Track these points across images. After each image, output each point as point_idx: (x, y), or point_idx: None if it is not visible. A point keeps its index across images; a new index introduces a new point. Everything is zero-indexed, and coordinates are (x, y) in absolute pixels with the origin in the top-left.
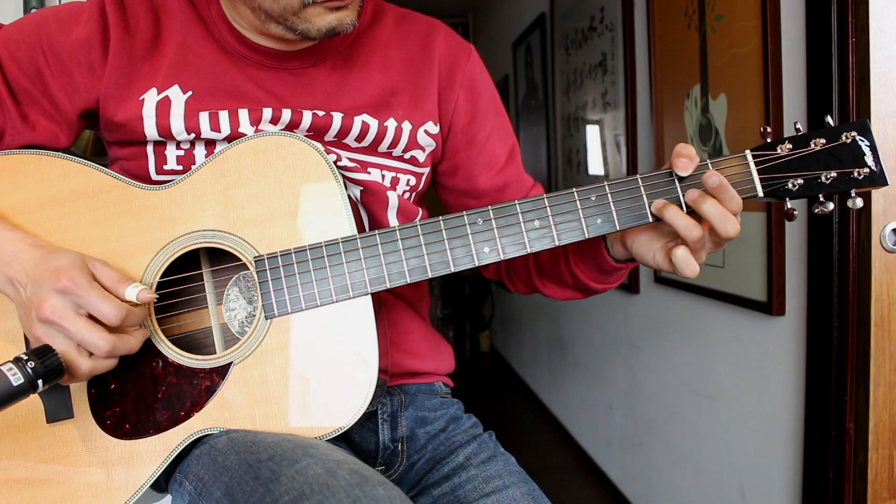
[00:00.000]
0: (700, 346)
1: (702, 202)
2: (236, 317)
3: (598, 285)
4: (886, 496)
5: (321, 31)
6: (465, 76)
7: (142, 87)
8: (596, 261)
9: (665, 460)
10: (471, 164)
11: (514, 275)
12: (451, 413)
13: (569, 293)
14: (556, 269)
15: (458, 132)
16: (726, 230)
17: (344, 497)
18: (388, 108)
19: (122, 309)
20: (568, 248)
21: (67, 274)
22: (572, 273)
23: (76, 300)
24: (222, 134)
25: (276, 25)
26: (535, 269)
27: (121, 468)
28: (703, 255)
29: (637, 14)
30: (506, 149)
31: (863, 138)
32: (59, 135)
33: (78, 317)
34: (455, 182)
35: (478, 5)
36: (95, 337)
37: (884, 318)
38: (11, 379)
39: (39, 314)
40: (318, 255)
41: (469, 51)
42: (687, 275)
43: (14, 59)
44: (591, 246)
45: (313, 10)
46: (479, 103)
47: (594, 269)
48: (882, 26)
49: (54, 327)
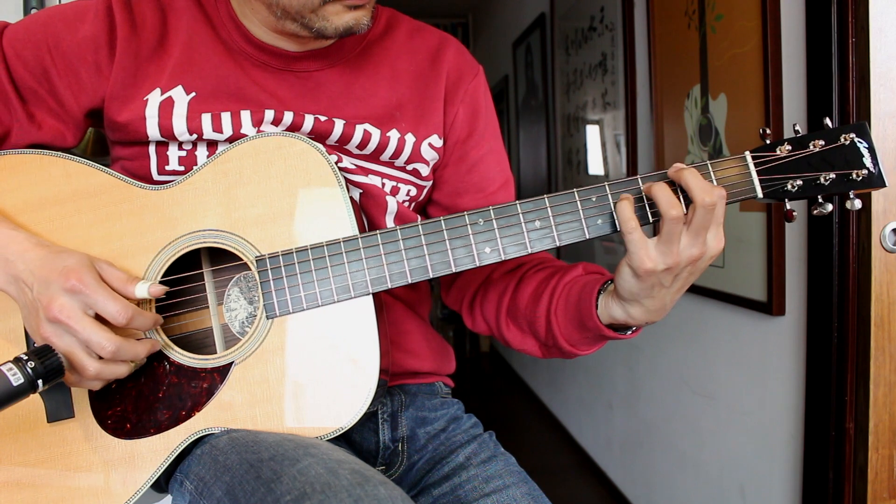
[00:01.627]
0: (700, 346)
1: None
2: (237, 317)
3: (566, 345)
4: (886, 496)
5: (338, 29)
6: (467, 92)
7: (146, 87)
8: (581, 313)
9: (665, 460)
10: (456, 181)
11: (482, 308)
12: (452, 413)
13: (529, 343)
14: (534, 311)
15: (451, 146)
16: (703, 200)
17: (346, 497)
18: (391, 120)
19: (128, 308)
20: (558, 292)
21: (76, 274)
22: (548, 321)
23: (84, 299)
24: (224, 135)
25: (293, 23)
26: (508, 307)
27: (121, 468)
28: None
29: (637, 14)
30: (501, 176)
31: (861, 140)
32: (66, 134)
33: (85, 316)
34: (439, 196)
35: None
36: (101, 336)
37: (884, 318)
38: (11, 379)
39: (48, 314)
40: (320, 255)
41: (477, 70)
42: (638, 258)
43: (20, 59)
44: (581, 296)
45: (332, 8)
46: (477, 122)
47: (575, 322)
48: (882, 26)
49: (62, 327)
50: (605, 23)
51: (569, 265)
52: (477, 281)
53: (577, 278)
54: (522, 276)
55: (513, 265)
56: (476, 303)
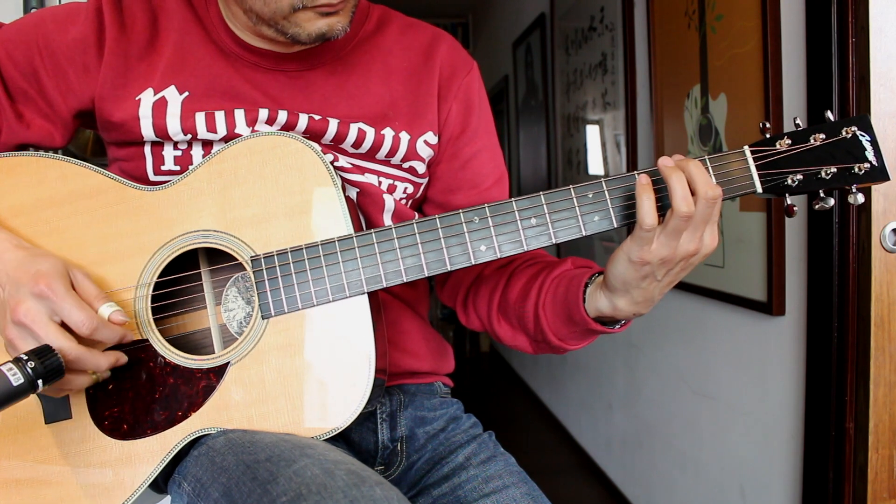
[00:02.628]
0: (700, 346)
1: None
2: (235, 317)
3: (555, 339)
4: (886, 496)
5: (311, 35)
6: (461, 88)
7: (138, 87)
8: (568, 307)
9: (665, 460)
10: (448, 177)
11: (474, 303)
12: (451, 413)
13: (520, 339)
14: (523, 305)
15: (444, 143)
16: (707, 193)
17: (341, 497)
18: (385, 118)
19: (93, 319)
20: (546, 286)
21: (46, 279)
22: (537, 315)
23: (51, 305)
24: (219, 134)
25: (268, 28)
26: (499, 302)
27: (119, 468)
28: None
29: (637, 14)
30: (495, 172)
31: (863, 133)
32: (55, 134)
33: (50, 322)
34: (433, 193)
35: (478, 5)
36: (62, 343)
37: (884, 318)
38: (11, 379)
39: (14, 316)
40: (315, 255)
41: (471, 66)
42: (646, 222)
43: (11, 59)
44: (568, 290)
45: (303, 15)
46: (470, 119)
47: (562, 316)
48: (882, 26)
49: (26, 330)
50: (605, 23)
51: (559, 260)
52: (469, 278)
53: (566, 272)
54: (513, 272)
55: (505, 261)
56: (469, 299)
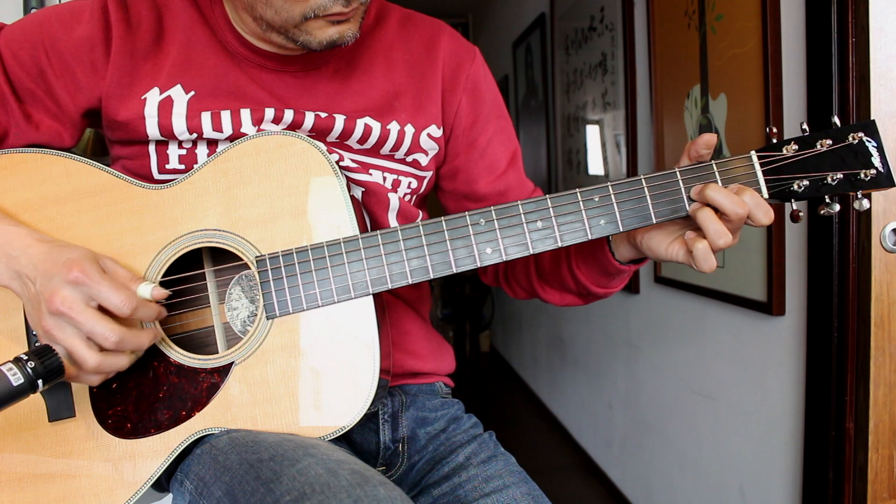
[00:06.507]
0: (700, 346)
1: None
2: (238, 316)
3: (600, 289)
4: (886, 496)
5: (322, 43)
6: (468, 79)
7: (144, 86)
8: (599, 262)
9: (665, 460)
10: (471, 167)
11: (514, 279)
12: (452, 413)
13: (569, 298)
14: (558, 272)
15: (459, 135)
16: (737, 213)
17: (345, 497)
18: (390, 111)
19: (132, 299)
20: (570, 251)
21: (79, 265)
22: (574, 276)
23: (87, 290)
24: (224, 134)
25: (278, 35)
26: (536, 273)
27: (122, 467)
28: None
29: (637, 14)
30: (507, 153)
31: (870, 139)
32: (63, 134)
33: (88, 307)
34: (455, 185)
35: (478, 5)
36: (104, 327)
37: (884, 318)
38: (11, 379)
39: (50, 306)
40: (320, 255)
41: (473, 53)
42: (704, 269)
43: (17, 59)
44: (594, 248)
45: (315, 24)
46: (481, 107)
47: (597, 271)
48: (882, 26)
49: (64, 319)
50: (605, 23)
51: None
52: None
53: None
54: None
55: None
56: (510, 277)
